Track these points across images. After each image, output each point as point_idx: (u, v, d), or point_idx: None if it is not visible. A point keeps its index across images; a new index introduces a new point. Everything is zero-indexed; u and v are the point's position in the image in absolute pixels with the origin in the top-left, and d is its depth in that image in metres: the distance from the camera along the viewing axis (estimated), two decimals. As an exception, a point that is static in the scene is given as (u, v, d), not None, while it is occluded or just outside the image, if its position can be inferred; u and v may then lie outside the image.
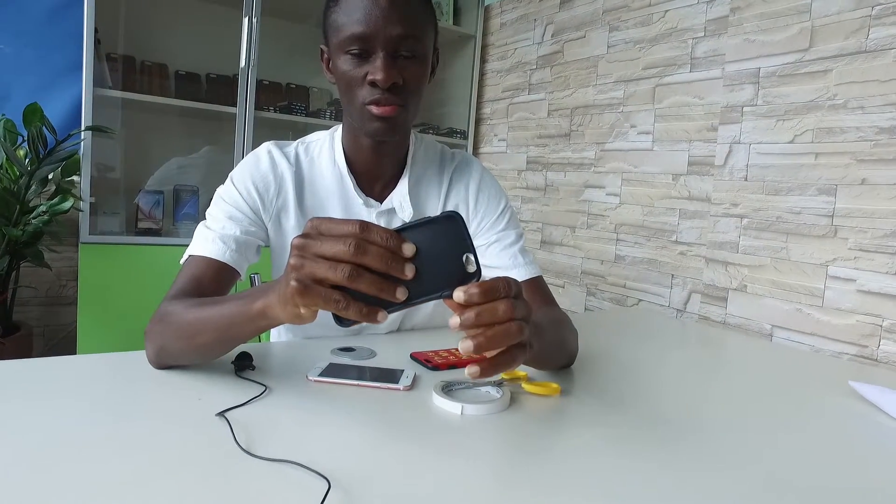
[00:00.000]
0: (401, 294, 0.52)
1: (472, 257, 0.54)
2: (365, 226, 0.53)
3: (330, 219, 0.55)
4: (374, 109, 0.86)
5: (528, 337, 0.57)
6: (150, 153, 2.35)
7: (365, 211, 0.99)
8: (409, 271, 0.52)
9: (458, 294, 0.53)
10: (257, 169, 0.97)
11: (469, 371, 0.55)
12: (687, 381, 0.99)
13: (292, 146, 1.01)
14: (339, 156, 0.99)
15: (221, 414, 0.65)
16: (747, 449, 0.69)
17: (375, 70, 0.84)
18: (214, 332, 0.72)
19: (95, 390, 0.74)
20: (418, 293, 0.53)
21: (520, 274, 1.00)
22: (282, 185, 0.97)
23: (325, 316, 0.59)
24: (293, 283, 0.54)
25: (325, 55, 0.93)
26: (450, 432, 0.66)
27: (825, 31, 1.45)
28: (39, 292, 2.24)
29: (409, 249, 0.53)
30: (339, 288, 0.53)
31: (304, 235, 0.55)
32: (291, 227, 0.98)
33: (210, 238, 0.89)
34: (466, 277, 0.54)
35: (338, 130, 1.02)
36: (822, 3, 1.46)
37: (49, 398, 0.69)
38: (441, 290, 0.53)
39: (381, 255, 0.52)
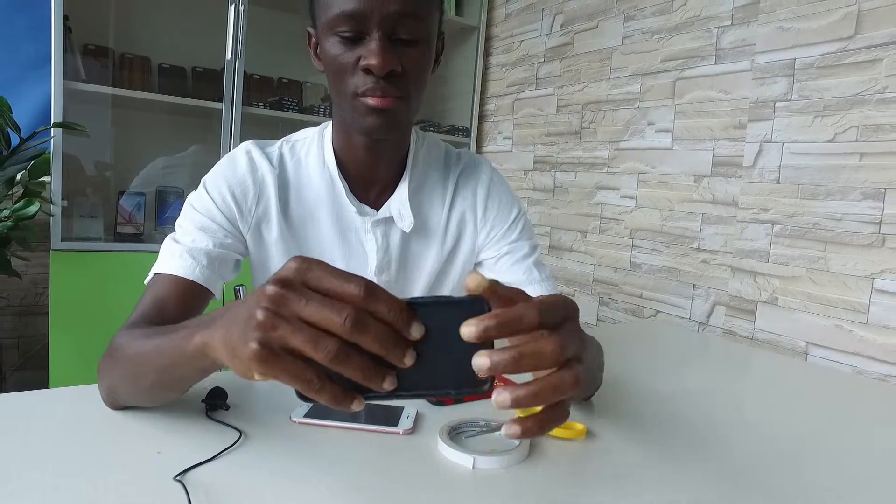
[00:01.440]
0: (388, 385, 0.39)
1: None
2: (371, 289, 0.38)
3: (323, 265, 0.40)
4: (369, 100, 0.73)
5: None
6: (132, 152, 2.21)
7: (359, 220, 0.87)
8: (409, 359, 0.39)
9: (469, 329, 0.38)
10: (234, 172, 0.84)
11: (508, 431, 0.40)
12: (723, 413, 0.88)
13: (275, 145, 0.89)
14: (329, 156, 0.86)
15: (180, 477, 0.55)
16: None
17: (369, 54, 0.71)
18: (155, 372, 0.59)
19: (38, 439, 0.62)
20: (412, 385, 0.40)
21: (535, 291, 0.89)
22: (262, 191, 0.85)
23: None
24: (253, 344, 0.39)
25: (313, 39, 0.80)
26: (459, 491, 0.57)
27: (874, 15, 1.31)
28: (12, 301, 2.09)
29: (417, 331, 0.39)
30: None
31: (283, 282, 0.39)
32: (274, 240, 0.86)
33: (177, 253, 0.77)
34: (477, 380, 0.40)
35: (328, 128, 0.89)
36: (870, -16, 1.32)
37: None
38: (443, 387, 0.40)
39: (382, 335, 0.38)
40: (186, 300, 0.76)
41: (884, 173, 1.29)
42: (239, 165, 0.84)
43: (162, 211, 2.12)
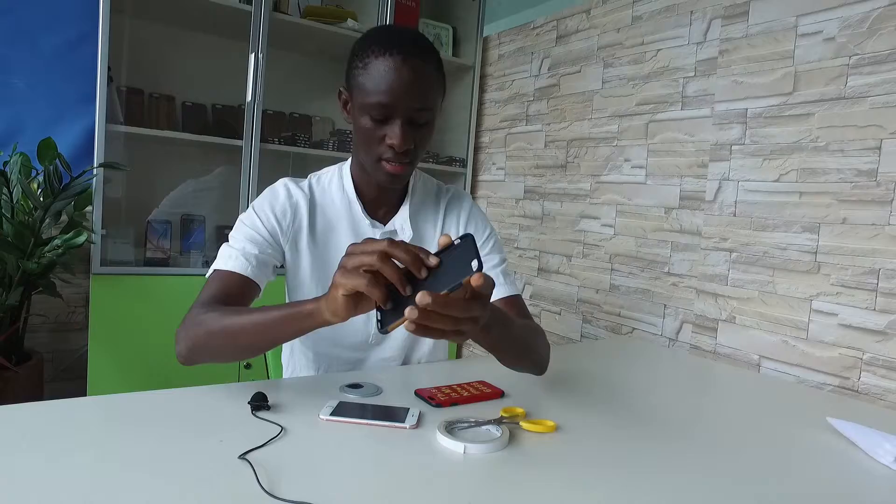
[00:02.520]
0: (409, 291, 0.69)
1: (476, 262, 0.65)
2: (400, 241, 0.71)
3: (372, 239, 0.72)
4: (387, 166, 0.99)
5: (479, 316, 0.70)
6: (158, 182, 2.40)
7: (370, 231, 1.11)
8: (425, 272, 0.69)
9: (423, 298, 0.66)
10: (276, 199, 1.09)
11: (410, 316, 0.66)
12: (677, 415, 1.03)
13: (306, 179, 1.15)
14: (347, 184, 1.12)
15: (243, 457, 0.69)
16: (731, 490, 0.73)
17: (394, 135, 0.96)
18: (258, 332, 0.85)
19: (115, 432, 0.76)
20: (433, 287, 0.68)
21: (500, 291, 1.12)
22: (297, 212, 1.10)
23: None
24: (338, 271, 0.71)
25: (343, 96, 1.04)
26: (453, 471, 0.72)
27: (807, 76, 1.53)
28: (49, 319, 2.29)
29: (434, 260, 0.69)
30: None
31: (348, 250, 0.73)
32: (305, 248, 1.10)
33: (233, 255, 1.00)
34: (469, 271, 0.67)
35: (346, 165, 1.15)
36: (804, 50, 1.53)
37: (66, 444, 0.71)
38: (450, 284, 0.67)
39: (409, 254, 0.69)
40: (242, 290, 0.99)
41: (817, 210, 1.50)
42: (280, 194, 1.10)
43: (186, 237, 2.31)
